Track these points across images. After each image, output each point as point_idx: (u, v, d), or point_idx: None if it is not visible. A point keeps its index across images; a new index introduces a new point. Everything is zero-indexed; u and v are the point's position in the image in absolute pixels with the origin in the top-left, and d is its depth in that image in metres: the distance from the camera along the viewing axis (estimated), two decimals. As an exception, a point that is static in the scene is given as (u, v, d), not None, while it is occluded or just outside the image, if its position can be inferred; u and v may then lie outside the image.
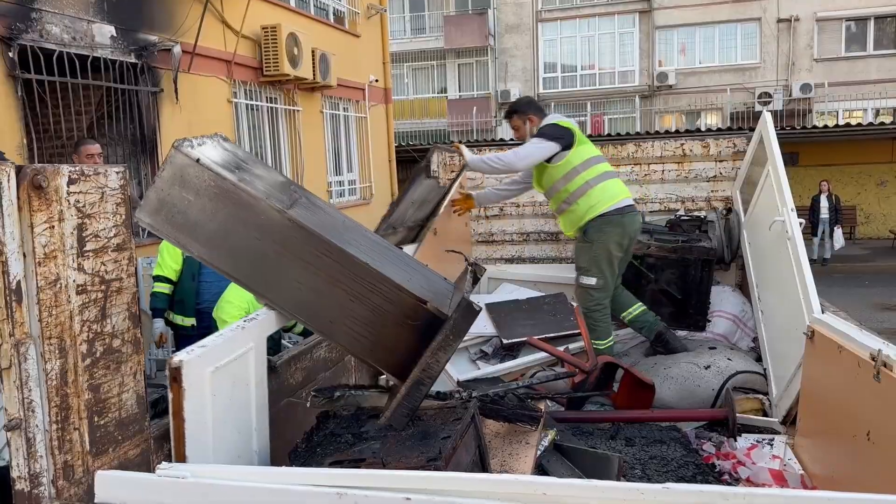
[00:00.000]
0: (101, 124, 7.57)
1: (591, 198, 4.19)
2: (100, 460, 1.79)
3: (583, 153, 4.25)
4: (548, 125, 4.28)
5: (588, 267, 4.19)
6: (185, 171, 2.35)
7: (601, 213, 4.17)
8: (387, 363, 2.51)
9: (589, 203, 4.19)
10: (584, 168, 4.22)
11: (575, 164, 4.20)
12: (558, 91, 26.88)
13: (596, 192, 4.19)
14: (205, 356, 2.11)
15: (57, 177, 1.67)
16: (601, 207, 4.18)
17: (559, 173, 4.23)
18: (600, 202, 4.18)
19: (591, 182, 4.20)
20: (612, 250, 4.22)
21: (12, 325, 1.58)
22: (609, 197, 4.20)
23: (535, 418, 3.06)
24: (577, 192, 4.22)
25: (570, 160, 4.20)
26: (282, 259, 2.43)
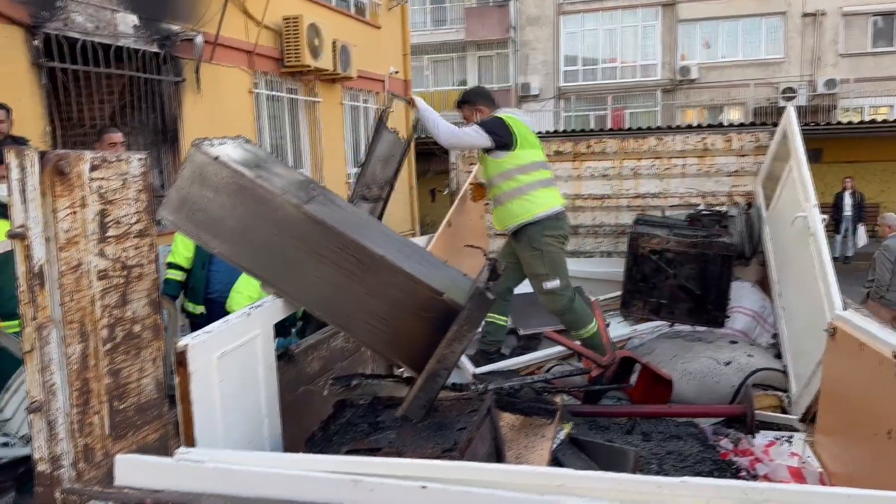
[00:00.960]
0: (124, 113, 7.63)
1: (525, 202, 4.17)
2: (119, 444, 1.81)
3: (523, 157, 4.17)
4: (493, 119, 4.21)
5: (547, 272, 4.14)
6: (205, 169, 2.38)
7: (536, 220, 4.14)
8: (403, 355, 2.51)
9: (523, 207, 4.17)
10: (520, 172, 4.16)
11: (510, 166, 4.15)
12: (579, 84, 26.69)
13: (529, 199, 4.17)
14: (210, 341, 2.13)
15: (79, 163, 1.68)
16: (534, 213, 4.15)
17: (496, 170, 4.19)
18: (533, 208, 4.15)
19: (525, 188, 4.17)
20: (560, 250, 4.24)
21: (35, 309, 1.60)
22: (541, 204, 4.17)
23: (550, 411, 3.05)
24: (510, 192, 4.18)
25: (508, 162, 4.15)
26: (299, 254, 2.45)
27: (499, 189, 4.19)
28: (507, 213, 4.20)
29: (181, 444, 2.01)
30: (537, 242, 4.12)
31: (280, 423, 2.48)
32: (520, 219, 4.14)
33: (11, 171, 1.56)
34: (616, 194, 5.32)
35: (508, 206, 4.18)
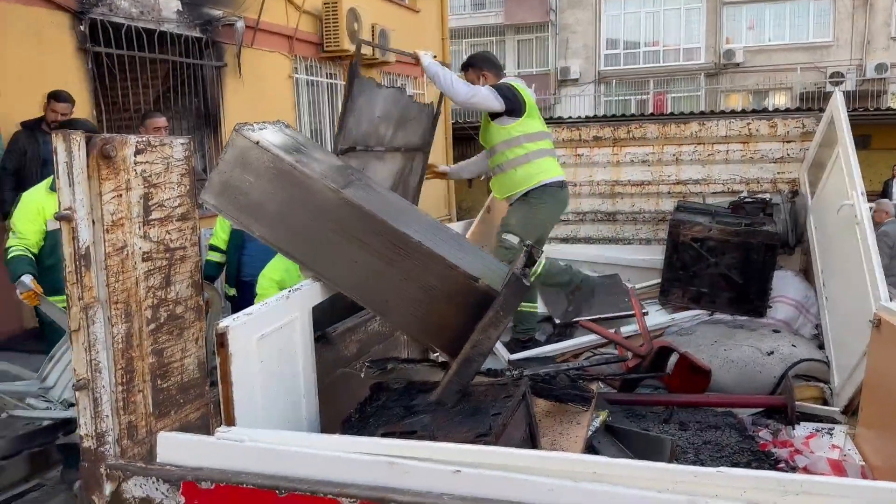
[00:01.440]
0: (168, 98, 7.77)
1: (529, 168, 4.17)
2: (162, 422, 1.86)
3: (529, 126, 4.18)
4: (506, 84, 4.19)
5: (515, 225, 4.12)
6: (246, 154, 2.41)
7: (540, 184, 4.14)
8: (439, 341, 2.53)
9: (527, 173, 4.16)
10: (527, 140, 4.16)
11: (518, 133, 4.14)
12: (620, 68, 26.29)
13: (534, 165, 4.17)
14: (251, 323, 2.16)
15: (124, 147, 1.72)
16: (539, 179, 4.15)
17: (501, 137, 4.17)
18: (538, 174, 4.16)
19: (531, 155, 4.17)
20: (546, 221, 4.24)
21: (81, 290, 1.64)
22: (546, 170, 4.18)
23: (586, 399, 3.04)
24: (515, 160, 4.17)
25: (516, 129, 4.14)
26: (337, 238, 2.47)
27: (503, 156, 4.17)
28: (511, 181, 4.19)
29: (221, 424, 2.06)
30: (532, 199, 4.13)
31: (317, 404, 2.52)
32: (524, 186, 4.15)
33: (59, 155, 1.61)
34: (656, 180, 5.24)
35: (512, 174, 4.17)
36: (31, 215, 3.56)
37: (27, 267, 3.51)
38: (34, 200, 3.60)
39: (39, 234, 3.57)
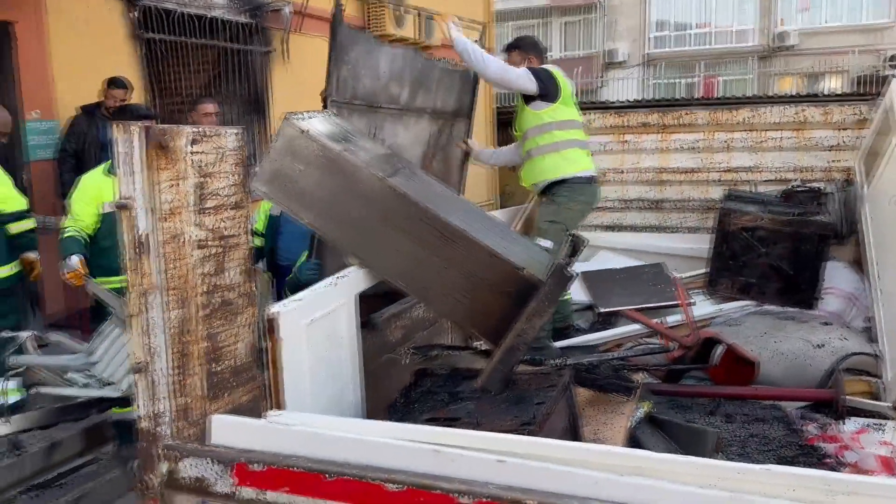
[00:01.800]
0: (217, 83, 7.89)
1: (557, 158, 4.10)
2: (215, 404, 1.92)
3: (563, 114, 4.11)
4: (543, 69, 4.13)
5: (548, 230, 4.06)
6: (295, 142, 2.46)
7: (567, 178, 4.07)
8: (482, 328, 2.54)
9: (555, 163, 4.10)
10: (559, 128, 4.09)
11: (550, 120, 4.07)
12: (669, 51, 25.74)
13: (562, 156, 4.10)
14: (300, 309, 2.21)
15: (180, 137, 1.77)
16: (566, 171, 4.08)
17: (534, 122, 4.11)
18: (566, 166, 4.09)
19: (561, 145, 4.10)
20: (576, 218, 4.18)
21: (139, 276, 1.70)
22: (574, 162, 4.11)
23: (629, 389, 3.03)
24: (545, 147, 4.10)
25: (547, 114, 4.07)
26: (383, 226, 2.50)
27: (533, 143, 4.13)
28: (539, 168, 4.14)
29: (270, 407, 2.11)
30: (560, 198, 4.08)
31: (363, 388, 2.56)
32: (550, 175, 4.10)
33: (118, 145, 1.66)
34: (705, 168, 5.15)
35: (539, 161, 4.13)
36: (87, 198, 3.67)
37: (77, 248, 3.61)
38: (91, 184, 3.70)
39: (94, 216, 3.67)
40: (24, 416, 3.31)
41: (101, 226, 3.70)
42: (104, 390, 3.33)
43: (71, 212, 3.71)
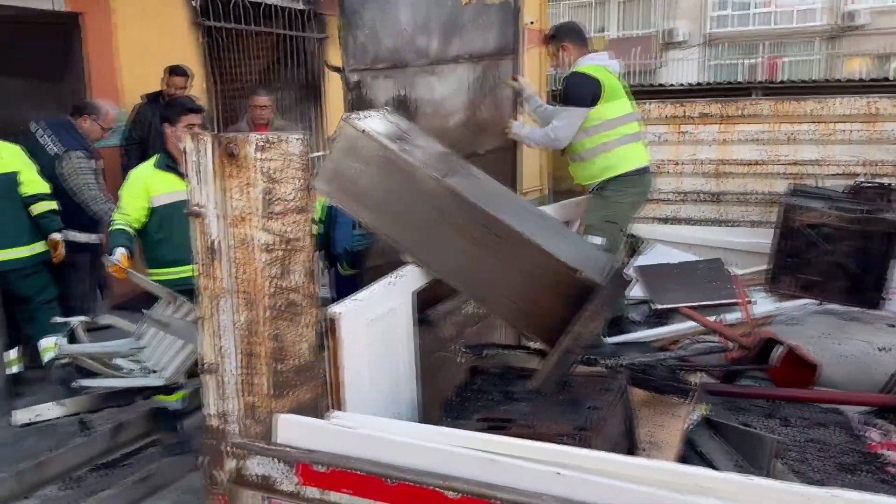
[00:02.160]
0: (274, 69, 8.01)
1: (608, 159, 4.01)
2: (279, 402, 1.97)
3: (608, 111, 3.97)
4: (572, 85, 3.99)
5: (597, 225, 3.97)
6: (355, 142, 2.49)
7: (618, 175, 3.99)
8: (537, 330, 2.55)
9: (605, 163, 4.01)
10: (605, 128, 3.98)
11: (597, 121, 3.96)
12: (730, 30, 24.98)
13: (614, 156, 4.00)
14: (359, 310, 2.25)
15: (247, 145, 1.81)
16: (617, 170, 3.99)
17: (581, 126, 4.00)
18: (616, 165, 4.00)
19: (610, 144, 4.00)
20: (628, 213, 4.07)
21: (210, 280, 1.76)
22: (625, 160, 4.01)
23: (685, 391, 3.01)
24: (593, 149, 4.01)
25: (593, 117, 3.96)
26: (439, 226, 2.52)
27: (581, 146, 4.05)
28: (590, 171, 4.07)
29: (330, 404, 2.17)
30: (609, 192, 4.01)
31: (419, 385, 2.60)
32: (602, 177, 4.02)
33: (188, 155, 1.71)
34: (769, 160, 5.01)
35: (591, 164, 4.06)
36: (135, 192, 3.68)
37: (124, 241, 3.62)
38: (140, 177, 3.72)
39: (143, 210, 3.67)
40: (74, 401, 3.45)
41: (151, 219, 3.71)
42: (148, 378, 3.43)
43: (120, 204, 3.75)
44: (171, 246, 3.69)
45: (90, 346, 3.58)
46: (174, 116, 3.72)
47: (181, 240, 3.62)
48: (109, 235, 3.70)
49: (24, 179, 4.24)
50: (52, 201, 4.33)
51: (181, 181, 3.69)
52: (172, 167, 3.73)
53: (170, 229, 3.69)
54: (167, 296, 3.56)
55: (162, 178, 3.71)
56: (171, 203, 3.69)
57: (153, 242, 3.74)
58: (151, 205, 3.69)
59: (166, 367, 3.44)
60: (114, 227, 3.69)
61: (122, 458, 3.69)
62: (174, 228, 3.68)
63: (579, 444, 2.08)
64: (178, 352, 3.47)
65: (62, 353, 3.37)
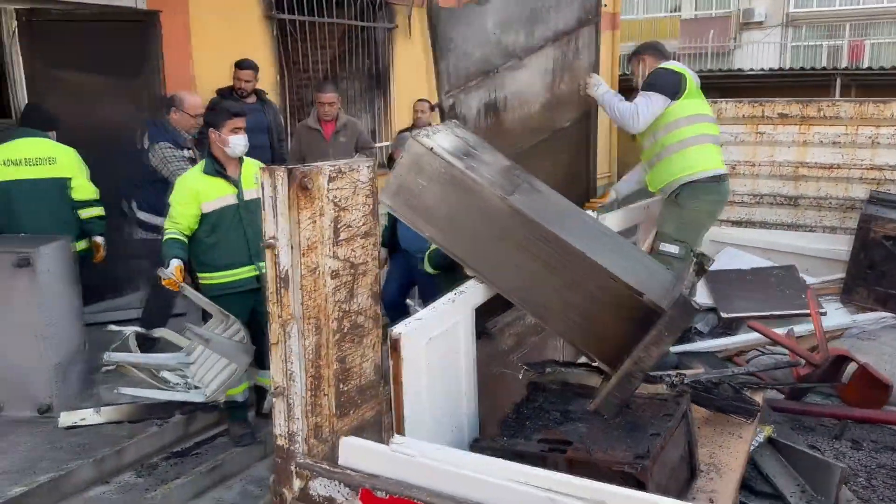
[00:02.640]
0: (342, 59, 8.09)
1: (686, 158, 3.91)
2: (342, 421, 2.04)
3: (688, 107, 3.91)
4: (655, 72, 3.96)
5: (673, 234, 3.91)
6: (420, 159, 2.51)
7: (695, 179, 3.89)
8: (598, 350, 2.54)
9: (683, 163, 3.91)
10: (686, 123, 3.90)
11: (678, 116, 3.89)
12: (812, 10, 23.83)
13: (691, 153, 3.90)
14: (421, 328, 2.29)
15: (319, 177, 1.86)
16: (694, 171, 3.89)
17: (661, 122, 3.92)
18: (694, 165, 3.89)
19: (689, 141, 3.90)
20: (704, 221, 4.01)
21: (280, 308, 1.83)
22: (703, 162, 3.91)
23: (750, 412, 2.95)
24: (671, 147, 3.92)
25: (674, 111, 3.89)
26: (502, 243, 2.54)
27: (660, 145, 3.97)
28: (666, 171, 3.97)
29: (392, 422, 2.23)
30: (684, 200, 3.93)
31: (477, 399, 2.64)
32: (677, 176, 3.93)
33: (265, 189, 1.77)
34: (848, 164, 4.80)
35: (667, 162, 3.97)
36: (185, 199, 3.68)
37: (177, 251, 3.63)
38: (189, 184, 3.72)
39: (192, 217, 3.68)
40: (114, 409, 3.59)
41: (202, 224, 3.72)
42: (189, 393, 3.52)
43: (170, 213, 3.75)
44: (221, 250, 3.75)
45: (138, 356, 3.66)
46: (219, 121, 3.72)
47: (232, 243, 3.75)
48: (162, 245, 3.71)
49: (76, 185, 4.44)
50: (100, 207, 4.55)
51: (230, 185, 3.77)
52: (221, 171, 3.75)
53: (220, 234, 3.74)
54: (219, 314, 3.64)
55: (211, 183, 3.73)
56: (221, 208, 3.73)
57: (204, 247, 3.75)
58: (202, 211, 3.70)
59: (209, 383, 3.54)
60: (166, 236, 3.70)
61: (194, 446, 3.86)
62: (224, 233, 3.74)
63: (637, 474, 2.09)
64: (222, 369, 3.59)
65: (109, 360, 3.45)
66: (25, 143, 4.38)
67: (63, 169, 4.40)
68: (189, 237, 3.74)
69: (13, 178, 4.28)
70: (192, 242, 3.76)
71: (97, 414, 3.69)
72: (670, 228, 3.94)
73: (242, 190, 3.79)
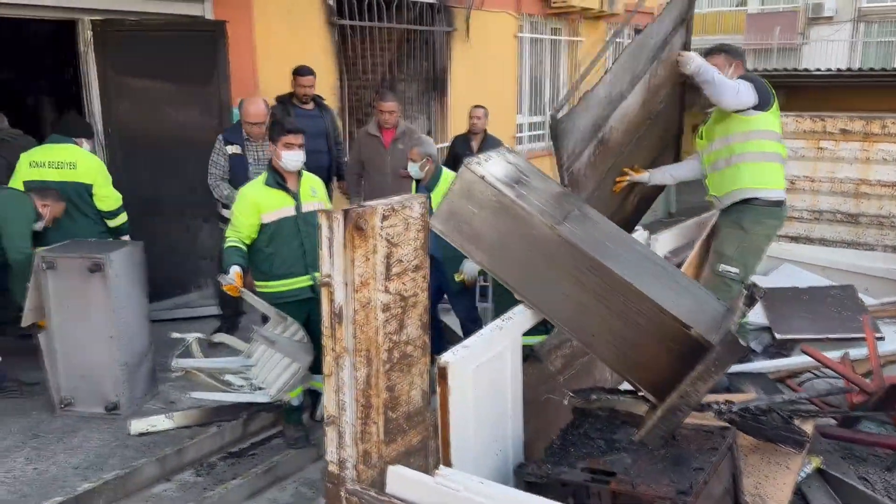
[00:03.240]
0: (400, 62, 8.20)
1: (760, 172, 3.84)
2: (390, 448, 2.13)
3: (771, 123, 3.86)
4: (753, 76, 3.91)
5: (733, 256, 3.86)
6: (472, 187, 2.57)
7: (760, 197, 3.83)
8: (645, 381, 2.56)
9: (756, 176, 3.84)
10: (766, 137, 3.84)
11: (760, 127, 3.82)
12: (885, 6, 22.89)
13: (766, 169, 3.84)
14: (468, 356, 2.35)
15: (374, 217, 1.94)
16: (765, 187, 3.84)
17: (742, 128, 3.83)
18: (767, 182, 3.84)
19: (767, 155, 3.84)
20: (763, 245, 3.96)
21: (334, 342, 1.92)
22: (774, 181, 3.87)
23: (799, 442, 2.92)
24: (748, 155, 3.84)
25: (758, 122, 3.82)
26: (550, 271, 2.57)
27: (733, 150, 3.88)
28: (736, 177, 3.88)
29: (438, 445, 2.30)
30: (747, 223, 3.88)
31: (522, 424, 2.69)
32: (747, 185, 3.86)
33: (322, 230, 1.86)
34: (912, 183, 4.68)
35: (741, 167, 3.87)
36: (247, 209, 3.83)
37: (237, 258, 3.78)
38: (251, 195, 3.86)
39: (254, 227, 3.83)
40: (183, 414, 3.76)
41: (261, 234, 3.86)
42: (254, 395, 3.66)
43: (232, 221, 3.90)
44: (279, 259, 3.89)
45: (203, 360, 3.84)
46: (275, 136, 3.87)
47: (289, 253, 3.90)
48: (223, 253, 3.87)
49: (100, 194, 4.64)
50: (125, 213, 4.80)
51: (289, 197, 3.90)
52: (281, 184, 3.88)
53: (278, 244, 3.87)
54: (277, 316, 3.78)
55: (271, 195, 3.86)
56: (279, 219, 3.86)
57: (262, 257, 3.89)
58: (262, 221, 3.84)
59: (272, 384, 3.68)
60: (227, 244, 3.86)
61: (250, 447, 4.02)
62: (282, 243, 3.87)
63: (679, 510, 2.11)
64: (284, 370, 3.72)
65: (178, 367, 3.62)
66: (51, 147, 4.62)
67: (84, 175, 4.59)
68: (249, 246, 3.89)
69: (37, 179, 4.50)
70: (251, 251, 3.90)
71: (168, 420, 3.85)
72: (731, 250, 3.90)
73: (301, 202, 3.91)
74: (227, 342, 4.11)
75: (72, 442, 3.84)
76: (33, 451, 3.74)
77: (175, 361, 3.63)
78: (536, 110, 10.36)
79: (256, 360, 3.91)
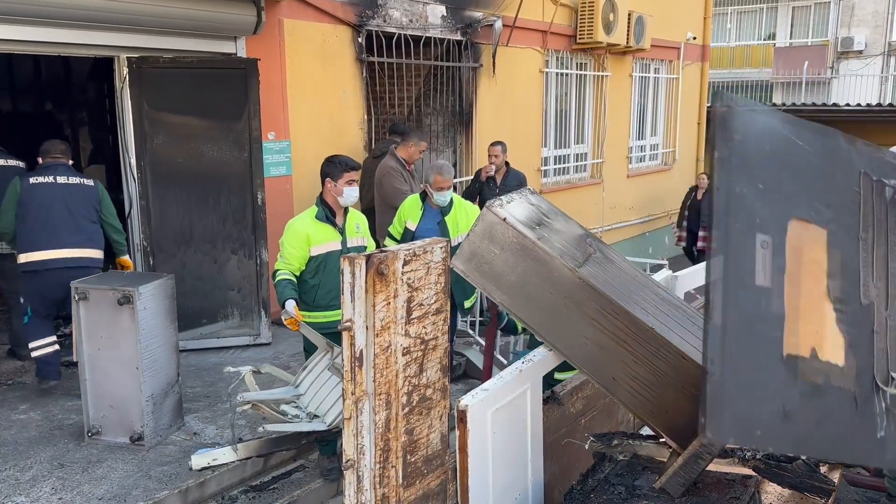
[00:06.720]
0: (427, 97, 8.31)
1: None
2: (409, 491, 2.14)
3: None
4: None
5: None
6: (494, 228, 2.60)
7: None
8: (666, 426, 2.54)
9: None
10: None
11: None
12: (918, 40, 22.70)
13: None
14: (487, 400, 2.36)
15: (395, 262, 1.97)
16: None
17: None
18: None
19: None
20: None
21: (354, 385, 1.94)
22: None
23: (826, 491, 2.87)
24: None
25: None
26: (571, 314, 2.58)
27: None
28: None
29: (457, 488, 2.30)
30: None
31: (542, 467, 2.68)
32: None
33: (344, 276, 1.90)
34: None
35: None
36: (297, 242, 3.97)
37: (291, 292, 3.90)
38: (301, 228, 4.00)
39: (303, 259, 3.98)
40: (246, 445, 3.79)
41: (308, 266, 4.00)
42: (313, 423, 3.70)
43: (282, 253, 4.02)
44: (324, 291, 4.01)
45: (264, 392, 3.92)
46: (336, 173, 4.00)
47: (333, 285, 3.98)
48: (277, 286, 3.98)
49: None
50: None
51: (336, 232, 4.05)
52: (330, 219, 4.04)
53: (323, 276, 4.01)
54: (325, 346, 3.84)
55: (320, 228, 4.01)
56: (326, 252, 4.00)
57: (307, 287, 4.03)
58: (311, 254, 3.99)
59: (328, 412, 3.73)
60: (279, 277, 3.97)
61: (271, 481, 4.04)
62: (327, 275, 3.99)
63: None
64: (338, 398, 3.75)
65: (245, 400, 3.70)
66: None
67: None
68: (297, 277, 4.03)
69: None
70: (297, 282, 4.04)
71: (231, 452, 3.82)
72: None
73: (346, 237, 4.07)
74: (273, 373, 4.17)
75: (96, 472, 3.88)
76: (59, 482, 3.79)
77: (241, 396, 3.70)
78: (561, 143, 10.40)
79: (305, 388, 3.97)
